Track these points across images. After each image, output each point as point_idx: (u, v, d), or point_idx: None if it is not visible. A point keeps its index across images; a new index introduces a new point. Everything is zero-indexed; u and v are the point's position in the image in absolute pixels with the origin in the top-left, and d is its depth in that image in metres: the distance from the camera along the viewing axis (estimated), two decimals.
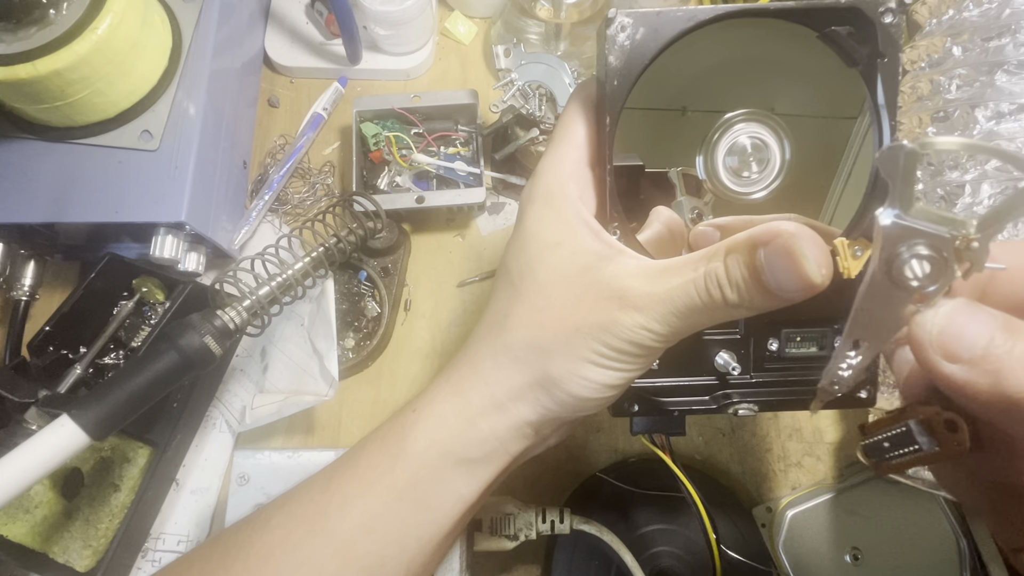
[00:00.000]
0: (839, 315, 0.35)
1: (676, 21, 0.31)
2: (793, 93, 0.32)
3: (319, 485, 0.33)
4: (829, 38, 0.31)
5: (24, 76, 0.42)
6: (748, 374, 0.36)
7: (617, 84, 0.31)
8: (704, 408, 0.36)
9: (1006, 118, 0.40)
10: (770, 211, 0.33)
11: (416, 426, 0.32)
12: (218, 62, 0.52)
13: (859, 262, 0.32)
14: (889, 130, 0.32)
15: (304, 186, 0.59)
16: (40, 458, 0.35)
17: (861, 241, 0.32)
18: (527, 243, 0.32)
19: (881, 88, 0.31)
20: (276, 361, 0.54)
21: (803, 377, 0.36)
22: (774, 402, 0.36)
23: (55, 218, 0.47)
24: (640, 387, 0.36)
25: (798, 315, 0.35)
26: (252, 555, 0.31)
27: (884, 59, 0.31)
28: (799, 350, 0.36)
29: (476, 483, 0.32)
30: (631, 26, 0.31)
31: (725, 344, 0.35)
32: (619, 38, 0.31)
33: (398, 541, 0.32)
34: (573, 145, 0.32)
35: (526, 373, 0.31)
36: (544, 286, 0.31)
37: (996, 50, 0.41)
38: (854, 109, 0.33)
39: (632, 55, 0.31)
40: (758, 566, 0.45)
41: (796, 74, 0.32)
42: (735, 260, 0.27)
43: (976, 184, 0.40)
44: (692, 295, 0.27)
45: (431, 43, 0.62)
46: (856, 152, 0.33)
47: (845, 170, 0.33)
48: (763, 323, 0.35)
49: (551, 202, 0.32)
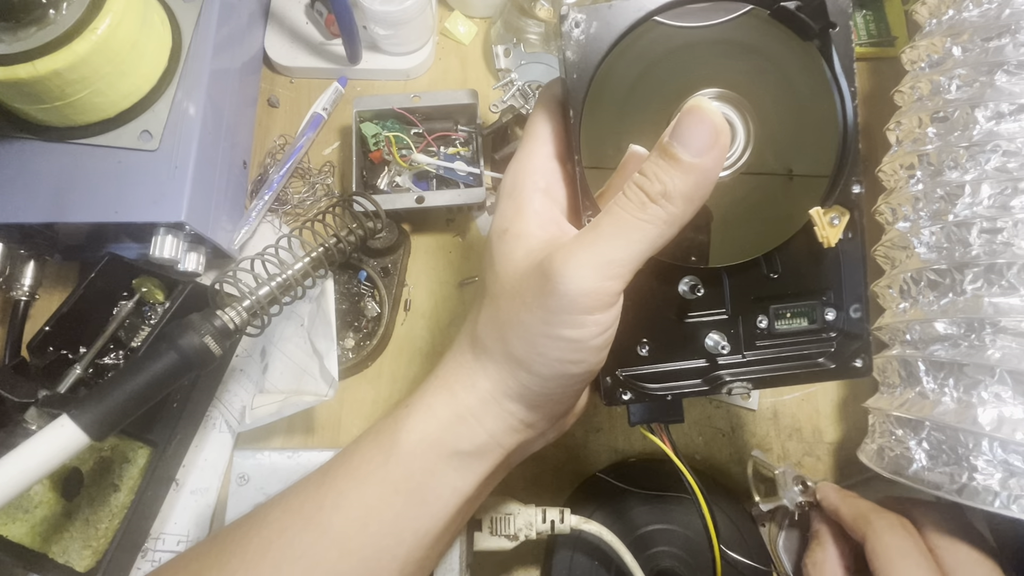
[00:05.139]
0: (826, 285, 0.36)
1: (627, 12, 0.31)
2: (759, 76, 0.33)
3: (315, 481, 0.33)
4: (780, 15, 0.32)
5: (24, 76, 0.42)
6: (740, 353, 0.36)
7: (577, 78, 0.32)
8: (697, 390, 0.36)
9: (1006, 118, 0.40)
10: (736, 192, 0.34)
11: (408, 420, 0.33)
12: (218, 62, 0.52)
13: (837, 230, 0.33)
14: (850, 96, 0.32)
15: (304, 186, 0.59)
16: (40, 458, 0.35)
17: (837, 209, 0.33)
18: (490, 236, 0.33)
19: (836, 57, 0.32)
20: (276, 361, 0.54)
21: (796, 352, 0.36)
22: (768, 378, 0.36)
23: (55, 218, 0.47)
24: (631, 375, 0.36)
25: (784, 290, 0.36)
26: (250, 550, 0.31)
27: (835, 28, 0.31)
28: (790, 325, 0.36)
29: (471, 476, 0.33)
30: (585, 21, 0.31)
31: (714, 325, 0.36)
32: (574, 33, 0.32)
33: (394, 534, 0.32)
34: (541, 141, 0.33)
35: (498, 362, 0.32)
36: (499, 274, 0.32)
37: (996, 50, 0.41)
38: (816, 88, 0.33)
39: (588, 49, 0.32)
40: (758, 566, 0.45)
41: (762, 57, 0.33)
42: (646, 163, 0.29)
43: (976, 184, 0.40)
44: (617, 213, 0.28)
45: (431, 43, 0.62)
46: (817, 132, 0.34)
47: (809, 150, 0.33)
48: (750, 300, 0.36)
49: (512, 195, 0.33)
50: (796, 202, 0.33)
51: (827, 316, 0.36)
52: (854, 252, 0.35)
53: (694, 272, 0.35)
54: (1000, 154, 0.40)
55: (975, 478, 0.37)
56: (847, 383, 0.54)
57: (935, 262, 0.42)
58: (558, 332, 0.29)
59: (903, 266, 0.45)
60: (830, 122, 0.33)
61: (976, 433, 0.37)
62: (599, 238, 0.28)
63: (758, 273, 0.35)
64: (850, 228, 0.33)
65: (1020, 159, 0.39)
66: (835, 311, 0.36)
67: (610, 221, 0.29)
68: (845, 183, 0.33)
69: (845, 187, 0.33)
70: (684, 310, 0.36)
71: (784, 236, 0.34)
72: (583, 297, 0.28)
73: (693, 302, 0.35)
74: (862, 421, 0.51)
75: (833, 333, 0.36)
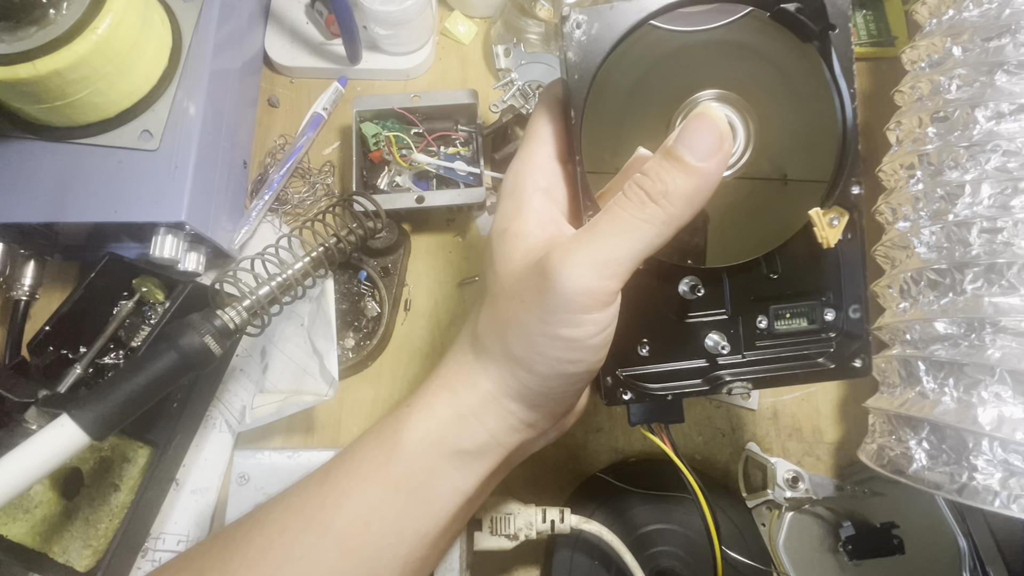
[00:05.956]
0: (826, 286, 0.36)
1: (628, 14, 0.31)
2: (759, 77, 0.33)
3: (316, 479, 0.33)
4: (780, 16, 0.32)
5: (24, 76, 0.42)
6: (740, 353, 0.36)
7: (578, 79, 0.32)
8: (697, 390, 0.36)
9: (1006, 118, 0.40)
10: (736, 193, 0.34)
11: (409, 419, 0.33)
12: (218, 62, 0.52)
13: (836, 231, 0.33)
14: (849, 98, 0.32)
15: (304, 186, 0.59)
16: (40, 458, 0.35)
17: (836, 210, 0.33)
18: (490, 236, 0.33)
19: (836, 58, 0.32)
20: (276, 361, 0.54)
21: (796, 352, 0.36)
22: (767, 378, 0.36)
23: (55, 218, 0.47)
24: (632, 375, 0.36)
25: (784, 290, 0.36)
26: (251, 549, 0.31)
27: (835, 30, 0.32)
28: (789, 325, 0.36)
29: (472, 476, 0.33)
30: (586, 22, 0.31)
31: (714, 326, 0.36)
32: (575, 34, 0.32)
33: (395, 533, 0.32)
34: (542, 141, 0.33)
35: (498, 361, 0.32)
36: (499, 274, 0.32)
37: (996, 50, 0.41)
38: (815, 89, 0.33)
39: (589, 50, 0.32)
40: (758, 566, 0.45)
41: (762, 59, 0.33)
42: (649, 164, 0.29)
43: (976, 184, 0.40)
44: (615, 212, 0.28)
45: (431, 43, 0.62)
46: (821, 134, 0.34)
47: (808, 151, 0.33)
48: (749, 300, 0.36)
49: (513, 194, 0.33)
50: (795, 203, 0.33)
51: (826, 316, 0.36)
52: (853, 253, 0.35)
53: (694, 272, 0.35)
54: (1000, 154, 0.40)
55: (975, 478, 0.37)
56: (847, 383, 0.54)
57: (935, 262, 0.42)
58: (556, 331, 0.29)
59: (903, 266, 0.45)
60: (830, 123, 0.33)
61: (976, 433, 0.37)
62: (597, 237, 0.28)
63: (758, 273, 0.35)
64: (849, 229, 0.33)
65: (1020, 159, 0.39)
66: (834, 311, 0.36)
67: (608, 220, 0.29)
68: (845, 184, 0.33)
69: (844, 188, 0.33)
70: (684, 310, 0.36)
71: (783, 237, 0.34)
72: (580, 296, 0.28)
73: (693, 302, 0.35)
74: (862, 421, 0.51)
75: (832, 333, 0.36)
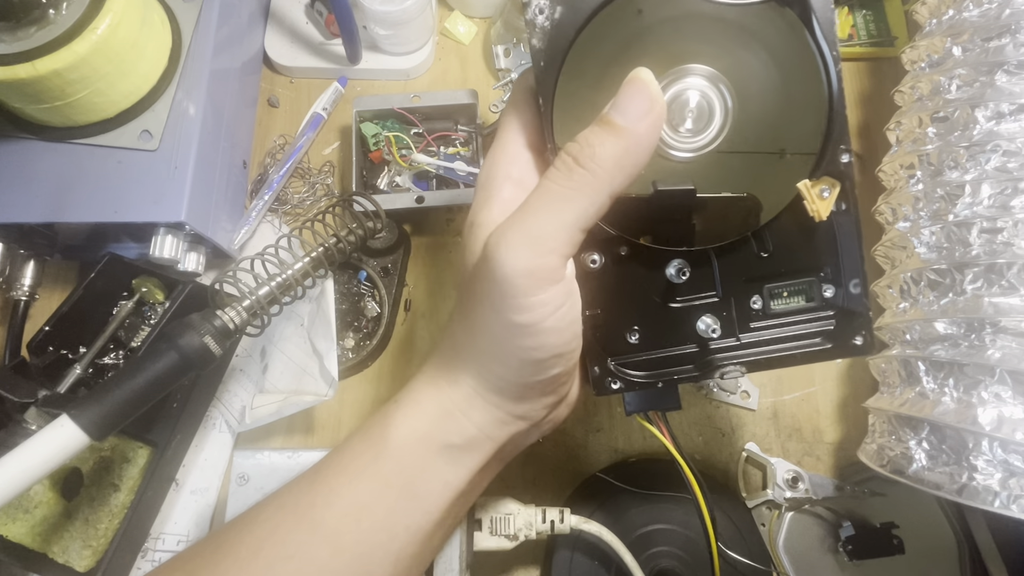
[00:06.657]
0: (822, 261, 0.34)
1: None
2: (741, 50, 0.32)
3: (307, 479, 0.33)
4: None
5: (24, 76, 0.42)
6: (733, 336, 0.35)
7: (544, 65, 0.31)
8: (689, 376, 0.35)
9: (1006, 118, 0.40)
10: (716, 171, 0.33)
11: (396, 416, 0.33)
12: (218, 62, 0.52)
13: (828, 202, 0.31)
14: (832, 61, 0.31)
15: (304, 186, 0.59)
16: (40, 458, 0.35)
17: (827, 180, 0.32)
18: (464, 228, 0.33)
19: (816, 22, 0.31)
20: (276, 361, 0.54)
21: (793, 332, 0.35)
22: (763, 360, 0.34)
23: (55, 218, 0.47)
24: (623, 363, 0.35)
25: (777, 268, 0.34)
26: (243, 550, 0.31)
27: None
28: (787, 304, 0.35)
29: (462, 470, 0.32)
30: (548, 7, 0.31)
31: (705, 309, 0.34)
32: (539, 20, 0.31)
33: (386, 530, 0.32)
34: (514, 131, 0.33)
35: (474, 357, 0.32)
36: (465, 268, 0.32)
37: (996, 50, 0.41)
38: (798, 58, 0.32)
39: (554, 35, 0.31)
40: (758, 566, 0.45)
41: (742, 31, 0.32)
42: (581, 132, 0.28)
43: (976, 184, 0.40)
44: (544, 185, 0.28)
45: (431, 43, 0.62)
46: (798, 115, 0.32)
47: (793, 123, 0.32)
48: (741, 281, 0.34)
49: (484, 186, 0.32)
50: (785, 177, 0.32)
51: (825, 293, 0.34)
52: (849, 225, 0.33)
53: (680, 255, 0.33)
54: (1000, 154, 0.40)
55: (975, 478, 0.37)
56: (847, 382, 0.54)
57: (935, 262, 0.42)
58: (507, 319, 0.28)
59: (903, 266, 0.45)
60: (814, 93, 0.32)
61: (976, 433, 0.37)
62: (527, 215, 0.28)
63: (748, 252, 0.34)
64: (842, 199, 0.32)
65: (1020, 159, 0.39)
66: (833, 287, 0.34)
67: (537, 195, 0.28)
68: (833, 153, 0.31)
69: (833, 157, 0.31)
70: (673, 294, 0.34)
71: (770, 213, 0.33)
72: (520, 278, 0.27)
73: (681, 286, 0.34)
74: (862, 421, 0.51)
75: (831, 311, 0.35)
